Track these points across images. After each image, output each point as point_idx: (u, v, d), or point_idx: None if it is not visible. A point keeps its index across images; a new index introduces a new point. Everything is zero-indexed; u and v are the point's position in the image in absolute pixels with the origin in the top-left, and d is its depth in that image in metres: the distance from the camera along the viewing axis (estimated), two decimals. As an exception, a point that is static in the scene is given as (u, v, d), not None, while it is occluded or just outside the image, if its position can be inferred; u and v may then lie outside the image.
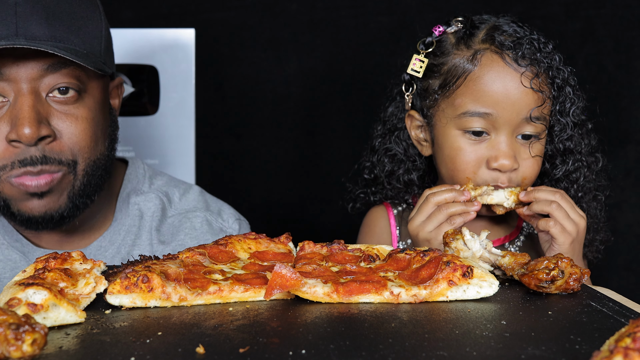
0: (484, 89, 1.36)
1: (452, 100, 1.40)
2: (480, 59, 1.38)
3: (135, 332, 0.80)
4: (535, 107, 1.36)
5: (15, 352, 0.67)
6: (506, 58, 1.37)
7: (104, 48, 1.33)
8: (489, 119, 1.36)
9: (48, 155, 1.24)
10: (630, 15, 2.15)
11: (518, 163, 1.38)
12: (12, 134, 1.21)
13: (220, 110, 2.25)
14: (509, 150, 1.37)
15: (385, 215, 1.61)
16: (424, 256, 0.98)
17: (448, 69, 1.42)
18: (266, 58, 2.23)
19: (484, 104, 1.36)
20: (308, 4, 2.20)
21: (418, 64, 1.46)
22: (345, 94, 2.25)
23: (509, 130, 1.37)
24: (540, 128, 1.39)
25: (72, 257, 0.98)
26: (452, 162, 1.41)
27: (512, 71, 1.36)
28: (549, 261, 0.96)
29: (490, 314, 0.87)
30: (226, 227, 1.54)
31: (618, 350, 0.62)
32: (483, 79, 1.37)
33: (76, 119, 1.27)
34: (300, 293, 0.91)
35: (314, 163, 2.30)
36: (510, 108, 1.35)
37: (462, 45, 1.42)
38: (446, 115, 1.42)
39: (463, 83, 1.39)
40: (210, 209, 1.54)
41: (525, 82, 1.35)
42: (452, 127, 1.41)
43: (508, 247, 1.52)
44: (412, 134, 1.52)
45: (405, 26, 2.20)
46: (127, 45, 2.13)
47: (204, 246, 1.05)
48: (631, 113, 2.19)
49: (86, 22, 1.29)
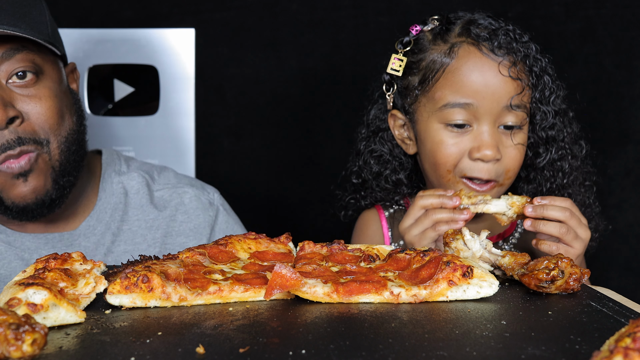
0: (462, 80, 1.38)
1: (432, 94, 1.41)
2: (457, 52, 1.40)
3: (135, 332, 0.80)
4: (515, 94, 1.37)
5: (15, 352, 0.67)
6: (483, 49, 1.38)
7: (51, 32, 1.37)
8: (470, 109, 1.37)
9: (22, 136, 1.29)
10: (630, 15, 2.15)
11: (501, 153, 1.38)
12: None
13: (220, 110, 2.25)
14: (491, 140, 1.37)
15: (377, 218, 1.62)
16: (424, 256, 0.98)
17: (426, 64, 1.43)
18: (266, 58, 2.23)
19: (464, 94, 1.37)
20: (308, 4, 2.20)
21: (397, 63, 1.48)
22: (345, 94, 2.25)
23: (491, 121, 1.37)
24: (521, 117, 1.39)
25: (72, 257, 0.98)
26: (434, 156, 1.42)
27: (490, 61, 1.37)
28: (549, 261, 0.97)
29: (490, 314, 0.87)
30: (212, 199, 1.62)
31: (618, 350, 0.62)
32: (461, 70, 1.38)
33: (39, 99, 1.32)
34: (300, 293, 0.91)
35: (314, 163, 2.30)
36: (490, 97, 1.36)
37: (439, 41, 1.43)
38: (427, 109, 1.43)
39: (442, 76, 1.40)
40: (193, 185, 1.61)
41: (504, 70, 1.36)
42: (433, 121, 1.41)
43: (502, 245, 1.52)
44: (395, 133, 1.53)
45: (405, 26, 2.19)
46: (127, 45, 2.13)
47: (204, 246, 1.05)
48: (631, 113, 2.19)
49: (30, 10, 1.33)
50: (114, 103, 2.20)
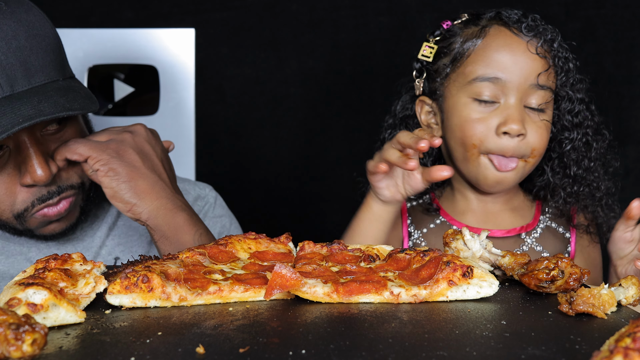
0: (492, 55, 1.43)
1: (463, 69, 1.46)
2: (487, 31, 1.45)
3: (135, 332, 0.80)
4: (543, 71, 1.41)
5: (15, 352, 0.67)
6: (512, 29, 1.44)
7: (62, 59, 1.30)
8: (498, 84, 1.41)
9: (61, 184, 1.29)
10: (630, 15, 2.15)
11: (526, 129, 1.41)
12: (26, 179, 1.24)
13: (220, 110, 2.25)
14: (518, 115, 1.40)
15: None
16: (424, 256, 0.98)
17: (458, 45, 1.48)
18: (266, 58, 2.23)
19: (493, 68, 1.42)
20: (308, 4, 2.20)
21: (428, 50, 1.52)
22: (345, 94, 2.25)
23: (518, 97, 1.41)
24: (546, 96, 1.43)
25: (72, 258, 0.98)
26: (461, 130, 1.45)
27: (518, 39, 1.43)
28: (549, 261, 0.96)
29: (490, 314, 0.87)
30: (204, 194, 1.62)
31: (618, 350, 0.62)
32: (491, 46, 1.44)
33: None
34: (300, 293, 0.91)
35: (314, 163, 2.30)
36: (518, 72, 1.40)
37: (471, 25, 1.49)
38: (457, 85, 1.47)
39: (472, 52, 1.45)
40: (184, 181, 1.61)
41: (532, 48, 1.41)
42: (462, 96, 1.45)
43: (525, 238, 1.53)
44: (421, 119, 1.56)
45: (405, 26, 2.20)
46: (127, 45, 2.13)
47: (204, 246, 1.05)
48: (631, 113, 2.19)
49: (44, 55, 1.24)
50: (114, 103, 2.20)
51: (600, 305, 0.87)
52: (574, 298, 0.87)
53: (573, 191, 1.52)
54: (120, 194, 1.23)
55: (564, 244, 1.55)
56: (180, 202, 1.29)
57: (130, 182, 1.23)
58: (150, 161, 1.29)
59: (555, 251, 1.53)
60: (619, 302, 0.92)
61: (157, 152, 1.32)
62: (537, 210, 1.57)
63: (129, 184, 1.23)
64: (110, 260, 1.47)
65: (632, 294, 0.93)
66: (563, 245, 1.55)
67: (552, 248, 1.53)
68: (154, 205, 1.25)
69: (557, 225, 1.57)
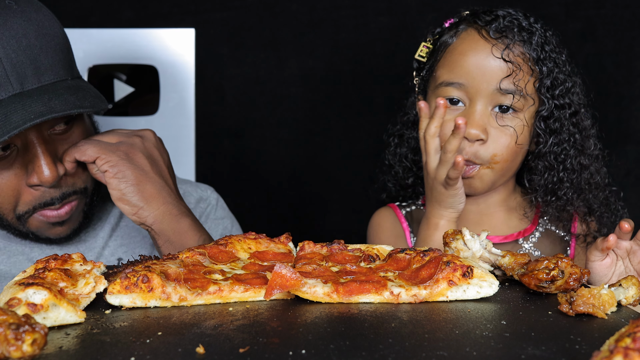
0: (457, 60, 1.43)
1: (435, 72, 1.48)
2: (459, 34, 1.45)
3: (135, 332, 0.80)
4: (505, 76, 1.38)
5: (15, 352, 0.67)
6: (482, 32, 1.42)
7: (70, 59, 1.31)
8: (462, 89, 1.41)
9: (65, 191, 1.29)
10: (630, 15, 2.15)
11: (487, 134, 1.39)
12: (32, 179, 1.24)
13: (220, 110, 2.25)
14: (478, 120, 1.40)
15: (392, 215, 1.63)
16: (424, 256, 0.98)
17: (437, 46, 1.49)
18: (266, 58, 2.23)
19: (457, 74, 1.42)
20: (308, 4, 2.20)
21: (424, 50, 1.53)
22: (345, 94, 2.25)
23: (483, 101, 1.40)
24: (515, 100, 1.40)
25: (72, 258, 0.98)
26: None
27: (485, 42, 1.41)
28: (549, 261, 0.96)
29: (490, 314, 0.87)
30: (205, 196, 1.63)
31: (618, 350, 0.62)
32: (457, 50, 1.44)
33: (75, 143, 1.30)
34: (300, 293, 0.91)
35: (314, 163, 2.30)
36: (480, 78, 1.39)
37: (454, 26, 1.48)
38: (430, 87, 1.49)
39: (442, 56, 1.46)
40: (186, 183, 1.61)
41: (496, 52, 1.39)
42: (432, 98, 1.46)
43: (522, 243, 1.52)
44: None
45: (405, 26, 2.20)
46: (127, 45, 2.13)
47: (204, 246, 1.05)
48: (631, 113, 2.19)
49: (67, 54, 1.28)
50: (114, 103, 2.20)
51: (600, 305, 0.87)
52: (574, 298, 0.87)
53: (553, 196, 1.47)
54: (127, 197, 1.23)
55: (563, 247, 1.54)
56: (185, 208, 1.30)
57: (138, 186, 1.23)
58: (157, 166, 1.29)
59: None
60: (619, 302, 0.92)
61: (164, 158, 1.33)
62: (536, 215, 1.55)
63: (136, 187, 1.23)
64: (113, 261, 1.47)
65: (632, 294, 0.93)
66: (562, 249, 1.53)
67: (550, 253, 1.51)
68: (160, 210, 1.25)
69: (557, 228, 1.55)
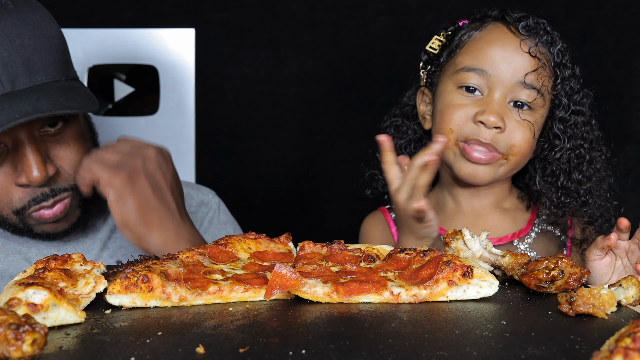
0: (483, 48, 1.43)
1: (454, 59, 1.48)
2: (486, 26, 1.46)
3: (135, 332, 0.80)
4: (531, 70, 1.40)
5: (15, 352, 0.67)
6: (510, 27, 1.44)
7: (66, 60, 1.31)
8: (484, 76, 1.41)
9: (55, 187, 1.29)
10: (630, 15, 2.15)
11: (504, 124, 1.40)
12: (21, 178, 1.25)
13: (220, 110, 2.25)
14: (497, 108, 1.40)
15: (382, 220, 1.62)
16: (424, 256, 0.98)
17: (457, 38, 1.50)
18: (266, 58, 2.23)
19: (481, 61, 1.42)
20: (308, 4, 2.20)
21: (436, 43, 1.55)
22: (345, 94, 2.25)
23: (502, 92, 1.41)
24: (533, 96, 1.41)
25: (72, 258, 0.98)
26: (441, 115, 1.45)
27: (513, 36, 1.43)
28: (549, 261, 0.96)
29: (490, 314, 0.87)
30: (207, 199, 1.62)
31: (618, 350, 0.62)
32: (484, 39, 1.45)
33: (68, 143, 1.31)
34: (300, 293, 0.91)
35: (314, 163, 2.30)
36: (505, 68, 1.40)
37: (476, 21, 1.50)
38: (447, 74, 1.48)
39: (466, 44, 1.47)
40: (188, 186, 1.60)
41: (524, 47, 1.41)
42: (449, 84, 1.46)
43: (517, 244, 1.51)
44: (420, 109, 1.58)
45: (405, 26, 2.20)
46: (127, 45, 2.13)
47: (204, 246, 1.05)
48: (631, 113, 2.19)
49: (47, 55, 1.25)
50: (114, 103, 2.20)
51: (600, 306, 0.87)
52: (574, 298, 0.87)
53: (560, 202, 1.48)
54: (129, 224, 1.20)
55: (559, 248, 1.54)
56: (187, 233, 1.27)
57: (140, 214, 1.19)
58: (160, 190, 1.25)
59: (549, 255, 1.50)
60: (619, 302, 0.92)
61: (167, 179, 1.28)
62: (532, 215, 1.55)
63: (138, 214, 1.19)
64: (112, 263, 1.46)
65: (632, 294, 0.93)
66: (558, 249, 1.53)
67: (546, 253, 1.51)
68: (161, 237, 1.22)
69: (554, 228, 1.54)
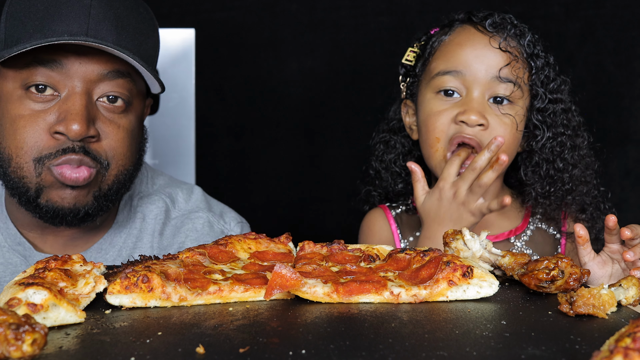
0: (454, 50, 1.46)
1: (429, 66, 1.49)
2: (454, 30, 1.49)
3: (135, 332, 0.80)
4: (504, 65, 1.41)
5: (15, 352, 0.67)
6: (478, 27, 1.46)
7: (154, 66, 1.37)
8: (460, 77, 1.43)
9: (87, 149, 1.27)
10: (630, 15, 2.15)
11: (487, 121, 1.41)
12: (59, 126, 1.24)
13: (220, 110, 2.25)
14: (477, 106, 1.41)
15: (383, 217, 1.62)
16: (424, 256, 0.98)
17: (429, 46, 1.51)
18: (266, 58, 2.23)
19: (454, 63, 1.44)
20: (308, 4, 2.21)
21: (411, 55, 1.56)
22: (345, 94, 2.25)
23: (480, 90, 1.42)
24: (510, 89, 1.43)
25: (72, 259, 0.98)
26: (425, 125, 1.47)
27: (481, 35, 1.45)
28: (549, 261, 0.96)
29: (490, 314, 0.87)
30: (227, 229, 1.56)
31: (618, 350, 0.62)
32: (454, 41, 1.47)
33: (118, 127, 1.31)
34: (300, 293, 0.91)
35: (314, 163, 2.30)
36: (479, 66, 1.42)
37: (445, 27, 1.51)
38: (424, 82, 1.50)
39: (438, 49, 1.49)
40: (212, 210, 1.55)
41: (494, 43, 1.43)
42: (427, 92, 1.48)
43: (514, 242, 1.52)
44: (406, 121, 1.59)
45: (405, 26, 2.20)
46: (127, 45, 2.13)
47: (204, 246, 1.05)
48: (631, 113, 2.19)
49: (147, 39, 1.33)
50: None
51: (600, 306, 0.87)
52: (575, 299, 0.87)
53: (545, 191, 1.48)
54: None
55: (554, 245, 1.54)
56: None
57: None
58: None
59: (545, 253, 1.51)
60: (619, 302, 0.92)
61: None
62: (527, 213, 1.56)
63: None
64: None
65: (632, 294, 0.93)
66: (553, 247, 1.54)
67: (541, 251, 1.52)
68: None
69: (548, 226, 1.55)
